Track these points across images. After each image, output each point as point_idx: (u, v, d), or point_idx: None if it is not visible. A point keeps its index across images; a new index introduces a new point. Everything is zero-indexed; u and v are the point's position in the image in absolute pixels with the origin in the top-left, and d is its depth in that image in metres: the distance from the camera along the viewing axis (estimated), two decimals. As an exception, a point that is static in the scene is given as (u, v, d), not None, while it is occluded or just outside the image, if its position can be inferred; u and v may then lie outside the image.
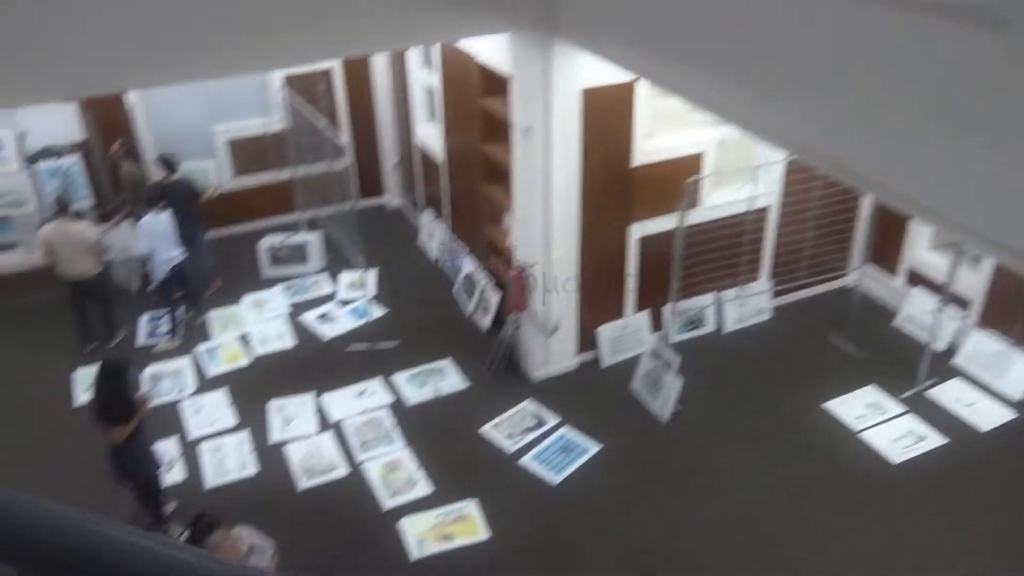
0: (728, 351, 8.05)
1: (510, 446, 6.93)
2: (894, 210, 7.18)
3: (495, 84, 7.39)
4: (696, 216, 7.46)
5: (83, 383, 7.61)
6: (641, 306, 7.97)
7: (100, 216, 9.42)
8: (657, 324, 8.02)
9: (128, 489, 5.95)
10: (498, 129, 7.56)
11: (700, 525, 6.18)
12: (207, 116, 9.79)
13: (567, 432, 7.05)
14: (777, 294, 8.53)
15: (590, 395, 7.52)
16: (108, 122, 9.26)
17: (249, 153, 10.07)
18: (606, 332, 7.82)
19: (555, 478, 6.59)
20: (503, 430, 7.09)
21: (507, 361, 7.79)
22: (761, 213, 7.96)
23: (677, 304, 7.47)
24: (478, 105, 7.69)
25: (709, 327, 8.28)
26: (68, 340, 8.30)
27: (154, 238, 7.80)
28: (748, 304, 8.35)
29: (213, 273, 9.12)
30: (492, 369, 7.79)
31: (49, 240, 7.68)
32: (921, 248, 8.27)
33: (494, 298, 8.28)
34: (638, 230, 7.52)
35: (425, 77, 9.15)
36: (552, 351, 7.61)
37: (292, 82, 9.47)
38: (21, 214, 9.24)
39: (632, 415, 7.26)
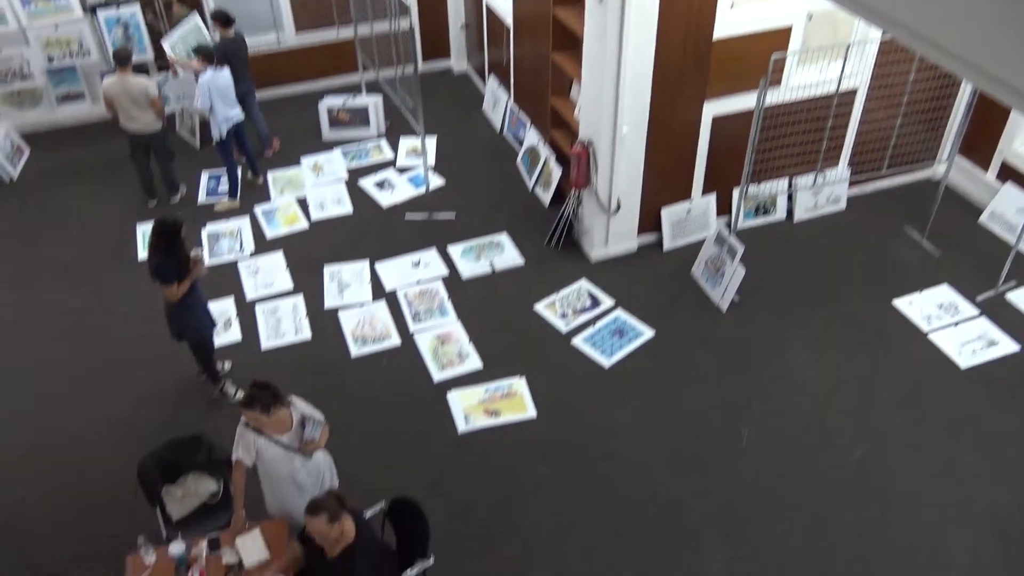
0: (797, 241, 7.71)
1: (563, 326, 6.84)
2: (994, 100, 6.60)
3: (569, -59, 6.86)
4: (777, 96, 6.96)
5: (144, 238, 7.71)
6: (709, 188, 7.62)
7: (160, 69, 9.30)
8: (724, 208, 7.68)
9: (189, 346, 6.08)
10: (570, -8, 7.08)
11: (753, 418, 6.08)
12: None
13: (622, 315, 6.91)
14: (855, 183, 8.06)
15: (648, 278, 7.32)
16: (168, -31, 8.99)
17: (310, 9, 9.71)
18: (670, 214, 7.53)
19: (606, 361, 6.51)
20: (557, 309, 6.99)
21: (566, 238, 7.60)
22: (848, 96, 7.40)
23: (747, 188, 7.10)
24: (550, -36, 7.18)
25: (779, 214, 7.91)
26: (133, 194, 8.37)
27: (214, 95, 7.65)
28: (823, 192, 7.91)
29: (271, 133, 9.00)
30: (550, 246, 7.62)
31: (110, 93, 7.60)
32: (1019, 141, 7.65)
33: (556, 172, 8.00)
34: (713, 108, 7.09)
35: (496, -69, 8.58)
36: (613, 231, 7.38)
37: (356, -68, 8.99)
38: (85, 63, 9.19)
39: (690, 302, 7.07)
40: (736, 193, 7.28)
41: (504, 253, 7.58)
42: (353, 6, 8.99)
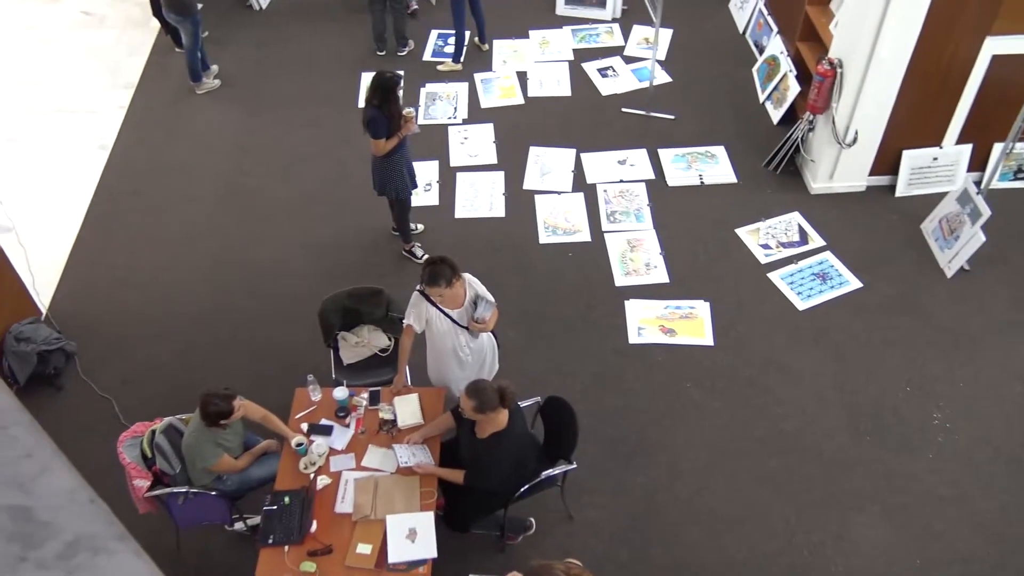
0: (1058, 215, 6.70)
1: (763, 256, 6.40)
2: None
3: None
4: (1080, 43, 5.90)
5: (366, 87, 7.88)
6: (965, 137, 6.70)
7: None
8: (977, 163, 6.76)
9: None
10: None
11: (952, 401, 5.49)
12: None
13: (830, 258, 6.36)
14: None
15: (869, 224, 6.66)
16: None
17: None
18: (912, 158, 6.73)
19: (801, 304, 6.05)
20: (760, 237, 6.53)
21: (788, 163, 7.01)
22: None
23: (1013, 145, 6.17)
24: None
25: (1044, 181, 6.89)
26: (364, 41, 8.53)
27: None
28: (1106, 165, 6.77)
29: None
30: (768, 168, 7.07)
31: (358, -64, 7.64)
32: None
33: (794, 89, 7.32)
34: (996, 45, 6.12)
35: None
36: (842, 164, 6.71)
37: None
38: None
39: (911, 260, 6.38)
40: (998, 149, 6.37)
41: (717, 167, 7.12)
42: None
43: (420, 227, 6.58)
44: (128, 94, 8.09)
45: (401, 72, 5.90)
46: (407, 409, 4.61)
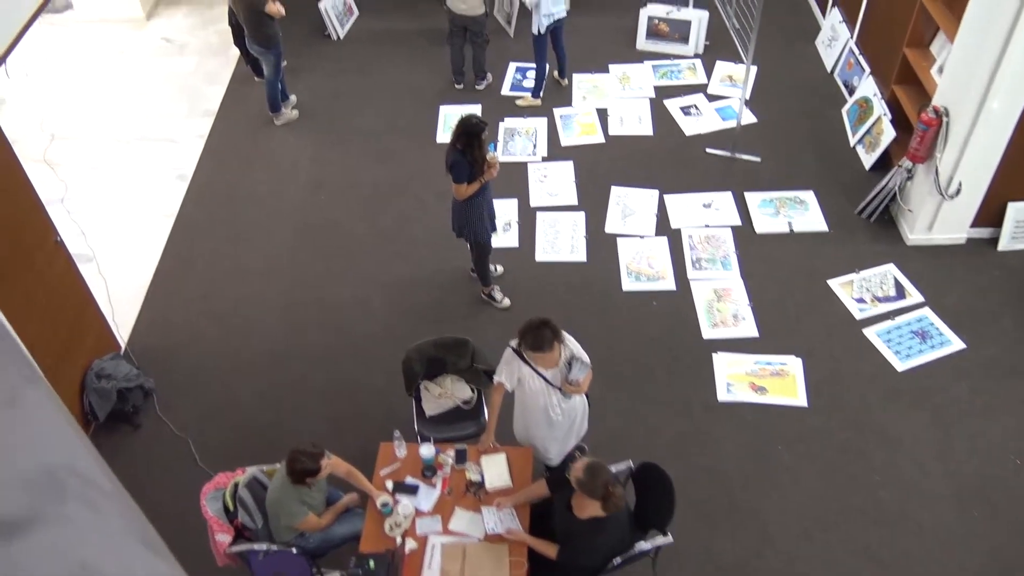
0: None
1: (857, 311, 6.11)
2: None
3: None
4: None
5: (445, 121, 7.79)
6: (1077, 190, 6.36)
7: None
8: (1090, 218, 6.40)
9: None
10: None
11: (1065, 476, 5.15)
12: None
13: (929, 315, 6.05)
14: None
15: (971, 279, 6.33)
16: None
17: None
18: (1018, 210, 6.39)
19: (900, 364, 5.75)
20: (854, 290, 6.25)
21: (883, 212, 6.71)
22: None
23: None
24: None
25: None
26: (442, 74, 8.42)
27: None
28: None
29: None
30: (861, 216, 6.78)
31: (443, -30, 7.57)
32: None
33: (888, 135, 7.02)
34: (1114, 96, 5.79)
35: None
36: (942, 215, 6.40)
37: None
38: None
39: (1017, 319, 6.03)
40: (1115, 204, 6.02)
41: (807, 214, 6.85)
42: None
43: (500, 269, 6.42)
44: (207, 123, 8.10)
45: (486, 121, 5.65)
46: (495, 471, 4.44)
